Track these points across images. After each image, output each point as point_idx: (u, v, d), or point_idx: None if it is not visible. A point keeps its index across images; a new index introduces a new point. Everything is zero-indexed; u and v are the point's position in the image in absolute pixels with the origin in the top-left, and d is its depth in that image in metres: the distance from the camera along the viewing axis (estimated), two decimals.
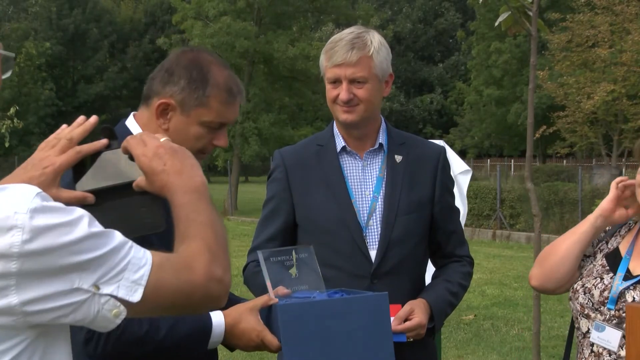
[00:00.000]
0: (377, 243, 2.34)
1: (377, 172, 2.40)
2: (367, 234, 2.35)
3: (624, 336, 2.18)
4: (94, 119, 1.46)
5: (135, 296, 1.11)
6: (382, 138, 2.42)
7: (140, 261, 1.13)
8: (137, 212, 1.39)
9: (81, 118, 1.46)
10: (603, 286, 2.27)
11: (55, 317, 1.07)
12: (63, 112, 38.87)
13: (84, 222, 1.10)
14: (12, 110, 11.89)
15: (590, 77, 20.99)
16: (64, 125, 1.46)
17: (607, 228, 2.46)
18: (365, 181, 2.39)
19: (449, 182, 2.48)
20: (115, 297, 1.10)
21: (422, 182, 2.40)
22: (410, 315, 2.22)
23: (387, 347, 1.98)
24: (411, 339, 2.23)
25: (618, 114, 22.08)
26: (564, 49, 21.93)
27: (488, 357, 6.83)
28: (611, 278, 2.27)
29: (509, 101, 32.14)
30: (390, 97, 46.54)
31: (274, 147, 27.88)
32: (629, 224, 2.43)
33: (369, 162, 2.41)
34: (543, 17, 21.34)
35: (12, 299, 1.03)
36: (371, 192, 2.38)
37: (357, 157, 2.41)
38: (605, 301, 2.24)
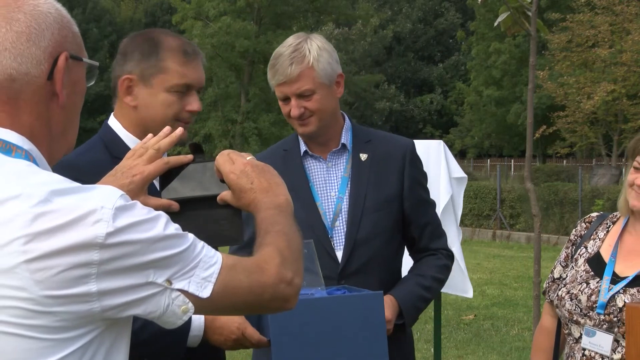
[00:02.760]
0: (343, 243, 2.35)
1: (342, 172, 2.40)
2: (334, 235, 2.36)
3: (616, 340, 2.19)
4: (179, 131, 1.55)
5: (205, 292, 1.17)
6: (345, 138, 2.42)
7: (211, 259, 1.19)
8: (218, 223, 1.46)
9: (167, 129, 1.54)
10: (590, 291, 2.27)
11: (128, 307, 1.13)
12: None
13: (162, 222, 1.16)
14: None
15: (590, 77, 21.00)
16: (150, 135, 1.53)
17: (582, 232, 2.46)
18: (330, 182, 2.40)
19: (420, 176, 2.46)
20: (186, 293, 1.16)
21: (389, 178, 2.39)
22: None
23: (381, 346, 1.99)
24: None
25: (618, 114, 22.09)
26: (564, 49, 21.94)
27: (488, 357, 6.83)
28: (597, 282, 2.27)
29: (508, 101, 32.13)
30: (390, 97, 46.55)
31: None
32: (607, 225, 2.42)
33: (333, 163, 2.42)
34: (543, 17, 21.34)
35: (92, 286, 1.08)
36: (336, 193, 2.38)
37: (320, 160, 2.42)
38: (594, 306, 2.23)
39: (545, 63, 24.00)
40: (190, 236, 1.20)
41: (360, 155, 2.41)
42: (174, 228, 1.18)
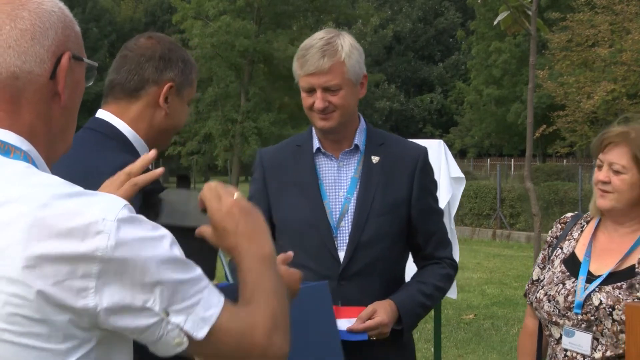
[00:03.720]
0: (347, 244, 2.34)
1: (353, 173, 2.39)
2: (338, 235, 2.34)
3: (595, 338, 2.20)
4: (153, 152, 1.53)
5: (201, 333, 1.13)
6: (358, 139, 2.41)
7: (213, 300, 1.15)
8: (191, 257, 1.41)
9: (151, 153, 1.53)
10: (566, 291, 2.28)
11: (123, 327, 1.09)
12: None
13: (167, 242, 1.12)
14: None
15: (590, 77, 20.99)
16: (129, 167, 1.52)
17: (558, 233, 2.46)
18: (340, 182, 2.39)
19: (430, 184, 2.44)
20: (181, 329, 1.11)
21: (398, 183, 2.37)
22: (373, 315, 2.22)
23: (334, 337, 2.03)
24: (374, 338, 2.22)
25: (618, 114, 22.03)
26: (564, 49, 21.92)
27: (488, 357, 6.83)
28: (573, 282, 2.28)
29: (508, 101, 32.14)
30: (390, 96, 46.55)
31: None
32: (582, 225, 2.42)
33: (344, 163, 2.40)
34: (543, 17, 21.32)
35: (89, 300, 1.06)
36: (345, 193, 2.37)
37: (332, 158, 2.41)
38: (571, 306, 2.25)
39: (545, 62, 23.99)
40: (197, 268, 1.16)
41: (372, 157, 2.39)
42: (179, 251, 1.14)
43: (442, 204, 4.59)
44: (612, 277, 2.22)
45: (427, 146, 3.01)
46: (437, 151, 4.66)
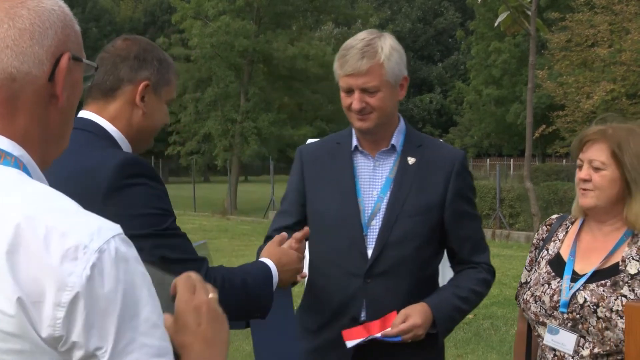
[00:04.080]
0: (374, 243, 2.35)
1: (388, 173, 2.39)
2: (369, 234, 2.35)
3: (582, 336, 2.21)
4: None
5: None
6: (396, 139, 2.41)
7: None
8: None
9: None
10: (552, 291, 2.29)
11: None
12: None
13: (148, 291, 1.04)
14: None
15: (589, 77, 20.99)
16: None
17: (544, 235, 2.47)
18: (375, 181, 2.40)
19: (465, 188, 2.42)
20: None
21: (432, 185, 2.36)
22: (405, 319, 2.23)
23: (293, 346, 2.11)
24: (408, 340, 2.23)
25: (618, 114, 22.07)
26: (563, 49, 21.93)
27: (488, 357, 6.83)
28: (558, 282, 2.29)
29: (508, 101, 32.14)
30: None
31: (274, 147, 28.05)
32: (567, 225, 2.43)
33: (380, 163, 2.41)
34: (542, 17, 21.32)
35: (57, 330, 0.98)
36: (378, 192, 2.38)
37: (369, 157, 2.42)
38: (557, 306, 2.25)
39: (545, 62, 24.00)
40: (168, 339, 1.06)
41: (408, 158, 2.39)
42: (158, 305, 1.04)
43: None
44: (597, 276, 2.23)
45: None
46: None
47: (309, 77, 27.99)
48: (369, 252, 2.34)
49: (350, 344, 2.25)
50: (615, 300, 2.15)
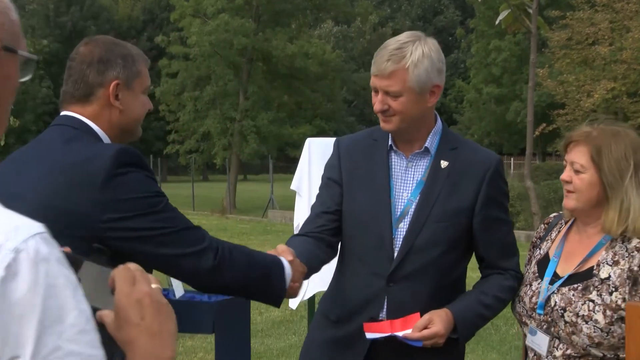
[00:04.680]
0: (400, 246, 2.34)
1: (421, 176, 2.38)
2: (396, 236, 2.34)
3: (556, 337, 2.22)
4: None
5: None
6: (430, 142, 2.38)
7: None
8: None
9: None
10: (532, 292, 2.30)
11: None
12: None
13: (74, 294, 0.95)
14: None
15: (590, 75, 20.98)
16: None
17: (541, 234, 2.47)
18: (406, 182, 2.39)
19: (498, 194, 2.40)
20: None
21: (463, 190, 2.34)
22: (429, 324, 2.22)
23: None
24: (428, 346, 2.23)
25: (618, 112, 22.06)
26: (564, 47, 21.91)
27: (488, 356, 6.83)
28: (539, 284, 2.30)
29: (508, 99, 32.12)
30: None
31: (273, 146, 28.03)
32: (560, 226, 2.42)
33: (413, 164, 2.39)
34: (543, 15, 21.30)
35: None
36: (409, 194, 2.36)
37: (402, 157, 2.40)
38: (535, 307, 2.27)
39: (545, 61, 23.99)
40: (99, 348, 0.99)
41: (442, 161, 2.37)
42: (89, 315, 0.97)
43: None
44: (572, 279, 2.22)
45: None
46: None
47: (308, 75, 27.98)
48: (395, 255, 2.33)
49: (370, 335, 2.25)
50: (582, 305, 2.15)
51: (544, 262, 2.35)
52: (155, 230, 1.81)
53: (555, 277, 2.27)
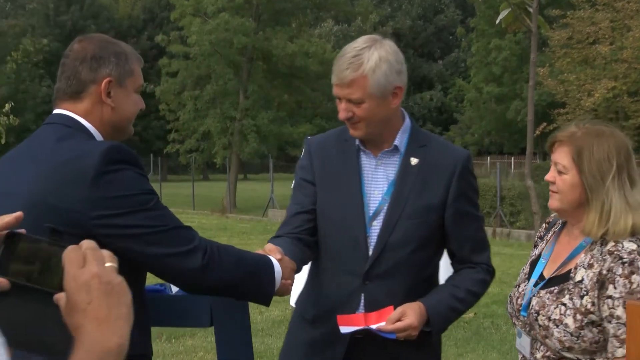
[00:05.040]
0: (374, 245, 2.36)
1: (392, 174, 2.39)
2: (370, 235, 2.36)
3: (537, 339, 2.21)
4: (19, 213, 1.20)
5: None
6: (399, 140, 2.40)
7: None
8: (44, 325, 1.14)
9: (13, 216, 1.19)
10: (518, 294, 2.31)
11: None
12: None
13: None
14: (7, 106, 11.87)
15: (590, 74, 20.99)
16: None
17: (542, 233, 2.46)
18: (377, 181, 2.40)
19: (468, 189, 2.41)
20: None
21: (434, 186, 2.36)
22: (402, 317, 2.24)
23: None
24: (401, 339, 2.24)
25: (619, 111, 22.08)
26: (564, 46, 21.92)
27: (488, 356, 6.83)
28: (525, 285, 2.31)
29: (509, 98, 32.13)
30: None
31: (273, 145, 28.01)
32: (557, 226, 2.41)
33: (382, 162, 2.41)
34: (543, 14, 21.31)
35: None
36: (380, 193, 2.38)
37: (371, 157, 2.42)
38: (520, 308, 2.28)
39: (546, 60, 23.99)
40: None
41: (411, 159, 2.39)
42: None
43: None
44: (551, 282, 2.22)
45: None
46: None
47: (308, 74, 27.97)
48: (370, 253, 2.35)
49: (344, 329, 2.27)
50: (554, 309, 2.14)
51: (535, 263, 2.35)
52: (145, 228, 1.81)
53: (541, 278, 2.27)
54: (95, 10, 44.15)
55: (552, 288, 2.18)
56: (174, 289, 2.32)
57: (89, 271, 1.06)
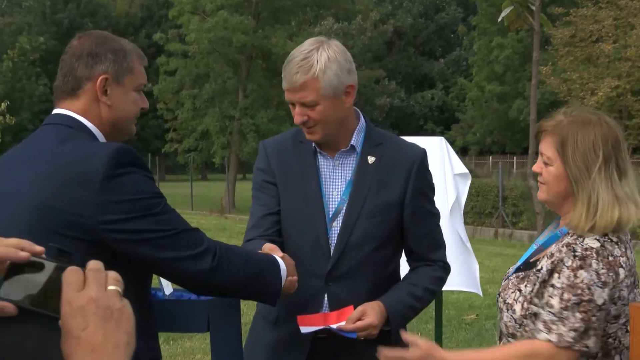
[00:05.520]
0: (335, 245, 2.38)
1: (349, 174, 2.42)
2: (331, 235, 2.39)
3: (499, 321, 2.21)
4: (24, 255, 1.08)
5: None
6: (355, 139, 2.42)
7: None
8: (50, 353, 1.08)
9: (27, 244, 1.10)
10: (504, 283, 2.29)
11: None
12: None
13: None
14: (3, 105, 11.86)
15: (594, 73, 21.01)
16: None
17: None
18: (335, 182, 2.42)
19: (425, 187, 2.46)
20: None
21: (392, 184, 2.39)
22: (362, 316, 2.27)
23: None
24: (362, 338, 2.27)
25: (622, 110, 22.10)
26: (567, 44, 21.94)
27: None
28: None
29: (511, 97, 32.16)
30: (391, 93, 46.54)
31: None
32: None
33: (340, 162, 2.43)
34: (546, 12, 21.32)
35: None
36: (339, 194, 2.41)
37: (328, 157, 2.44)
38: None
39: (549, 58, 24.00)
40: None
41: (368, 157, 2.41)
42: None
43: (449, 203, 4.58)
44: (524, 267, 2.17)
45: (428, 145, 3.02)
46: (439, 149, 4.63)
47: None
48: (331, 253, 2.37)
49: (304, 329, 2.28)
50: (512, 293, 2.11)
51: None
52: (154, 233, 1.80)
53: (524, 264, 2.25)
54: (93, 8, 44.16)
55: (520, 273, 2.15)
56: (167, 291, 2.33)
57: (87, 295, 1.00)
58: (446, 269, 2.52)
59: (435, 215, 2.52)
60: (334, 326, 2.27)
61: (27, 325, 1.07)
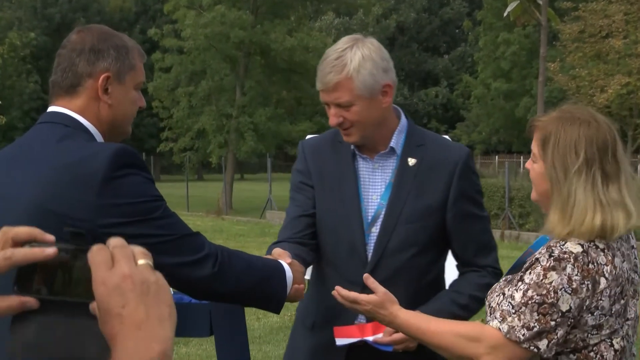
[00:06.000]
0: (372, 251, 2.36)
1: (389, 177, 2.39)
2: (369, 241, 2.36)
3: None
4: (50, 252, 1.08)
5: None
6: (395, 141, 2.39)
7: None
8: (80, 340, 1.07)
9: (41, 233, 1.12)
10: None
11: None
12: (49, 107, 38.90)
13: None
14: None
15: (603, 69, 21.00)
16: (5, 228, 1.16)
17: None
18: (374, 185, 2.40)
19: (469, 189, 2.40)
20: None
21: (433, 187, 2.35)
22: None
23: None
24: (399, 351, 2.24)
25: (633, 108, 22.10)
26: (576, 40, 21.93)
27: None
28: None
29: (518, 95, 32.17)
30: None
31: (271, 144, 28.04)
32: None
33: (380, 165, 2.40)
34: (554, 6, 21.32)
35: None
36: (378, 197, 2.38)
37: (368, 160, 2.42)
38: None
39: (557, 54, 24.00)
40: None
41: (409, 159, 2.37)
42: None
43: None
44: (514, 270, 2.14)
45: None
46: None
47: (308, 69, 27.92)
48: (368, 260, 2.35)
49: (340, 342, 2.27)
50: (496, 296, 2.06)
51: None
52: (154, 238, 1.79)
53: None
54: (85, 3, 44.17)
55: (508, 276, 2.11)
56: None
57: (119, 272, 0.99)
58: (497, 274, 2.43)
59: (483, 218, 2.46)
60: (370, 338, 2.24)
61: (52, 316, 1.05)
